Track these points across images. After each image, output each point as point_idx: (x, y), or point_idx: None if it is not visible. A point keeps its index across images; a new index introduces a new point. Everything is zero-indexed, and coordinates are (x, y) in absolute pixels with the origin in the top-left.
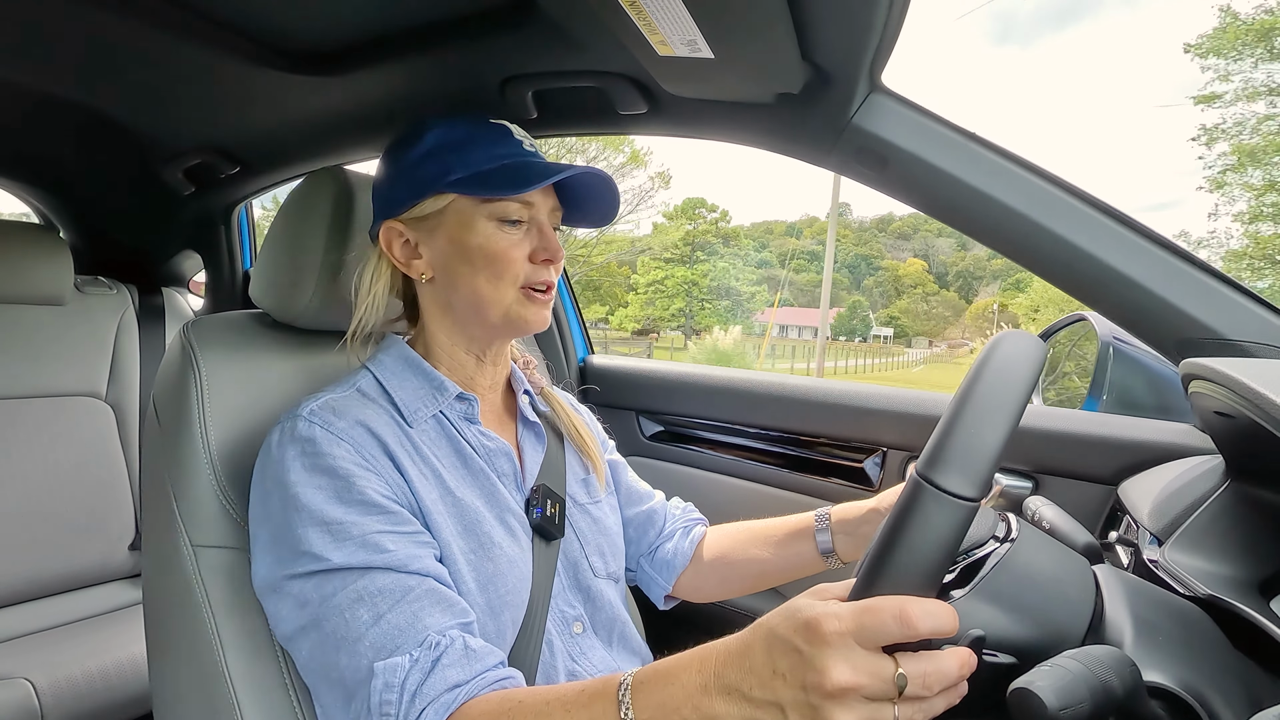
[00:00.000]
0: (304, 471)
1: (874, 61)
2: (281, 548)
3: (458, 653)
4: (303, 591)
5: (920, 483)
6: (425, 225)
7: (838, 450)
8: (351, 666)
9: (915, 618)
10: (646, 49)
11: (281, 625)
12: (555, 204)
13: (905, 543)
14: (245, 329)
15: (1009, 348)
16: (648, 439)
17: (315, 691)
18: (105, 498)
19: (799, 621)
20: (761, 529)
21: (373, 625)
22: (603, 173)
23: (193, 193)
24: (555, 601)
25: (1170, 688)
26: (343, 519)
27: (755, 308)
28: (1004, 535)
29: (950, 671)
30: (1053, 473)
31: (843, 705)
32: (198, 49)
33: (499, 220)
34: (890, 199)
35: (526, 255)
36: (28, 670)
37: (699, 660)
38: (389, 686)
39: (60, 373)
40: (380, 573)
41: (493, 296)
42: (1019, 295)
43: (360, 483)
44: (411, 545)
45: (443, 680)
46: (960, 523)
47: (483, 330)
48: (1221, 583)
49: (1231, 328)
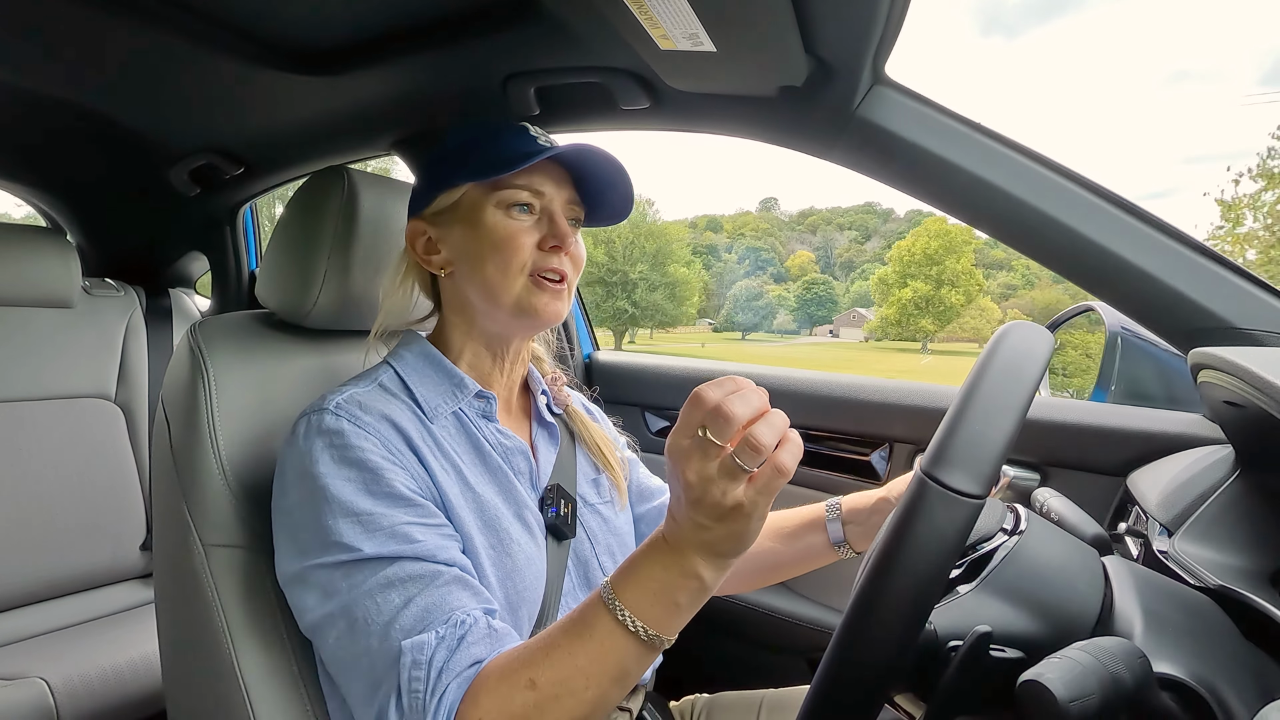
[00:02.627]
0: (332, 464)
1: (877, 53)
2: (309, 538)
3: (482, 631)
4: (330, 580)
5: (925, 480)
6: (442, 219)
7: (844, 444)
8: (383, 650)
9: (705, 394)
10: (648, 43)
11: (307, 615)
12: (571, 196)
13: (911, 541)
14: (252, 329)
15: (1016, 340)
16: (654, 434)
17: (340, 680)
18: (116, 498)
19: (686, 471)
20: (772, 521)
21: (404, 608)
22: (605, 152)
23: (198, 194)
24: (565, 600)
25: (1181, 679)
26: (372, 510)
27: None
28: (1012, 527)
29: (764, 420)
30: (1061, 464)
31: (714, 485)
32: (201, 51)
33: (507, 206)
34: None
35: (535, 242)
36: (43, 670)
37: (649, 544)
38: (417, 664)
39: (69, 375)
40: (410, 561)
41: (502, 284)
42: (883, 274)
43: (388, 475)
44: (439, 537)
45: (467, 656)
46: (966, 520)
47: (499, 323)
48: (1232, 573)
49: (1241, 316)
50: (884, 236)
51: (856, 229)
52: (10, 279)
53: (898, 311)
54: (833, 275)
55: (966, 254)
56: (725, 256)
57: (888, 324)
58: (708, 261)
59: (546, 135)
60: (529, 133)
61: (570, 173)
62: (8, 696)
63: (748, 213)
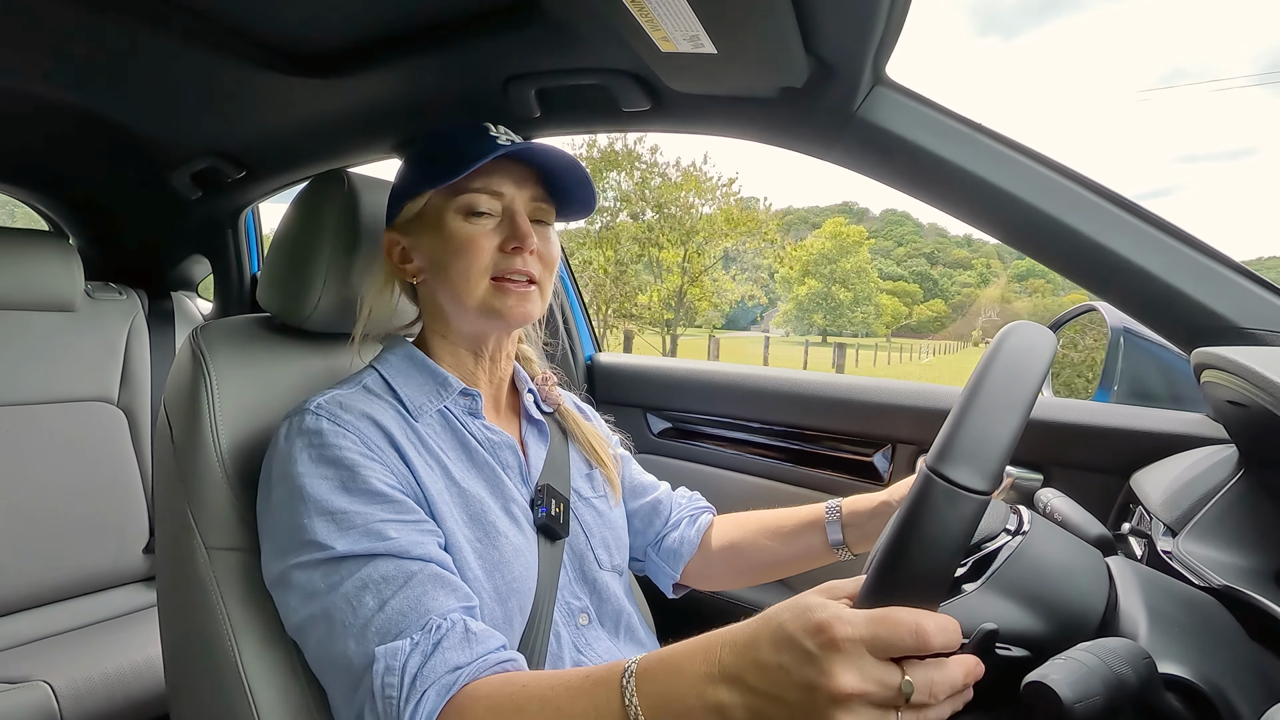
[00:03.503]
0: (310, 463)
1: (878, 54)
2: (287, 538)
3: (458, 636)
4: (310, 581)
5: (930, 477)
6: (412, 229)
7: (846, 445)
8: (359, 653)
9: (930, 634)
10: (649, 45)
11: (291, 616)
12: (535, 194)
13: (916, 538)
14: (254, 333)
15: (1018, 340)
16: (655, 436)
17: (323, 681)
18: (119, 502)
19: (811, 622)
20: (772, 519)
21: (378, 611)
22: (556, 148)
23: (200, 198)
24: (561, 593)
25: (1186, 679)
26: (347, 508)
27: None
28: (1015, 529)
29: (956, 680)
30: (1064, 464)
31: (847, 710)
32: (202, 54)
33: (467, 212)
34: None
35: (497, 245)
36: (46, 673)
37: (704, 648)
38: (390, 670)
39: (72, 378)
40: (384, 559)
41: (465, 288)
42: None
43: (365, 472)
44: (414, 533)
45: (443, 663)
46: (972, 516)
47: (470, 325)
48: (1236, 573)
49: (1244, 316)
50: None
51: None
52: (13, 283)
53: (795, 307)
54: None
55: (859, 253)
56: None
57: (787, 318)
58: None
59: (508, 134)
60: (488, 133)
61: (536, 170)
62: (12, 700)
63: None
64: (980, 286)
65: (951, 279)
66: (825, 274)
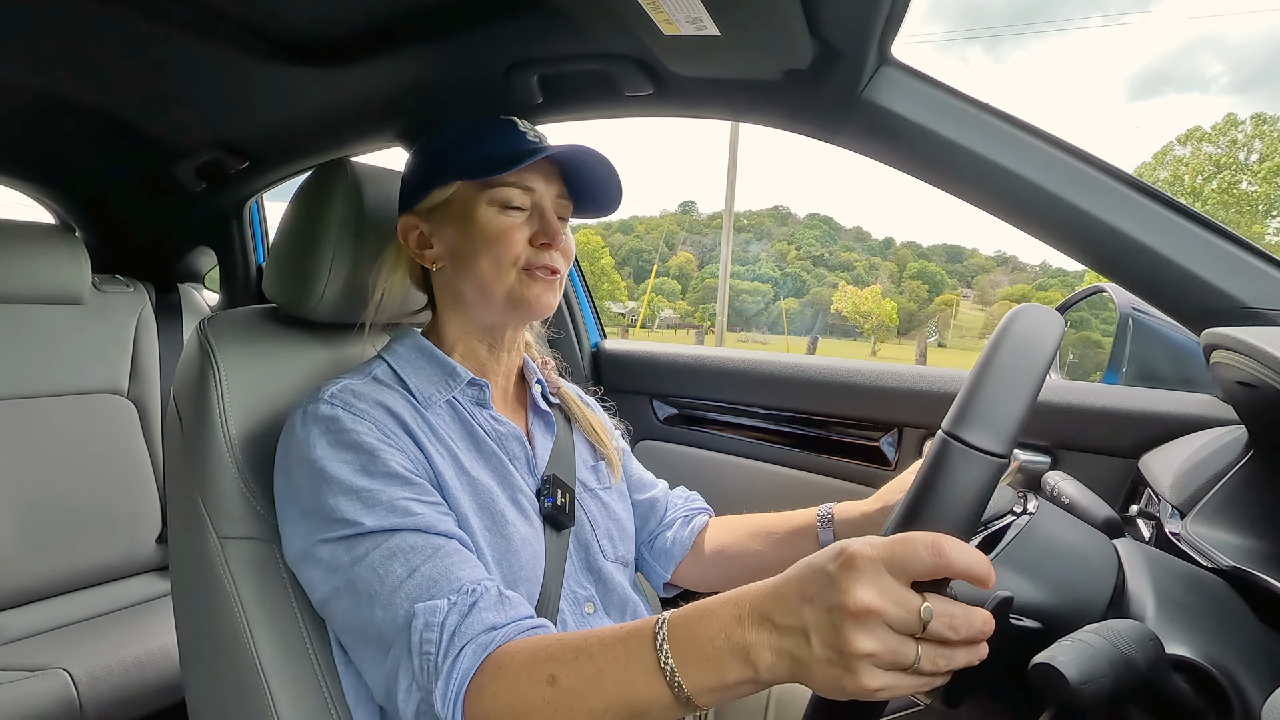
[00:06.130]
0: (329, 448)
1: (883, 34)
2: (312, 518)
3: (493, 598)
4: (334, 555)
5: (947, 440)
6: (435, 215)
7: (854, 430)
8: (388, 619)
9: (948, 549)
10: (652, 29)
11: (315, 591)
12: (560, 191)
13: (935, 498)
14: (260, 323)
15: (1026, 321)
16: (662, 423)
17: (352, 649)
18: (131, 492)
19: (835, 550)
20: (764, 523)
21: (407, 578)
22: (596, 151)
23: (204, 189)
24: (567, 582)
25: (1194, 660)
26: (370, 487)
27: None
28: (1022, 510)
29: (975, 622)
30: (1072, 447)
31: (864, 628)
32: (204, 45)
33: (500, 205)
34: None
35: (527, 238)
36: (64, 661)
37: (736, 597)
38: (429, 626)
39: (82, 370)
40: (410, 533)
41: (495, 278)
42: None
43: (384, 455)
44: (437, 512)
45: (480, 621)
46: (989, 478)
47: (491, 315)
48: (1245, 554)
49: (1254, 296)
50: (774, 238)
51: (752, 230)
52: (21, 276)
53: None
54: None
55: (602, 258)
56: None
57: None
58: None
59: (534, 130)
60: (518, 128)
61: (559, 167)
62: (32, 687)
63: (670, 214)
64: (857, 284)
65: (822, 280)
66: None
